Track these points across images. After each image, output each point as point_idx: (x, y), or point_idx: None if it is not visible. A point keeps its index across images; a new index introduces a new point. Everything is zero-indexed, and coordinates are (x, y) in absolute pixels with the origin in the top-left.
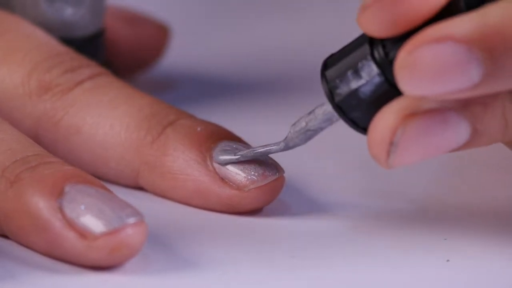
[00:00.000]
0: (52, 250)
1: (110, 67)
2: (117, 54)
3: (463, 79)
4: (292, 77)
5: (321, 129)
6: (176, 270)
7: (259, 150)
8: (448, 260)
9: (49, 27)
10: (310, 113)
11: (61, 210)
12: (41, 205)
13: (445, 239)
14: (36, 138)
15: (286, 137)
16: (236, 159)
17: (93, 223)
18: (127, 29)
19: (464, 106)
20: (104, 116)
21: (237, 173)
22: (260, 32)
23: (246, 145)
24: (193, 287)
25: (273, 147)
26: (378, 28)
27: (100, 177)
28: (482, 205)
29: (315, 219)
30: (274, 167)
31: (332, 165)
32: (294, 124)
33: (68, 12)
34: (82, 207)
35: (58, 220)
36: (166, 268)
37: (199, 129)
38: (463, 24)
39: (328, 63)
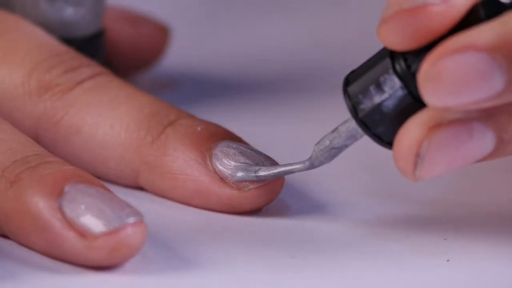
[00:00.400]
0: (52, 250)
1: (110, 67)
2: (117, 54)
3: (487, 88)
4: (292, 77)
5: (345, 146)
6: (176, 270)
7: (281, 170)
8: (448, 260)
9: (49, 27)
10: (333, 131)
11: (61, 210)
12: (41, 205)
13: (445, 239)
14: (36, 138)
15: (310, 156)
16: (256, 177)
17: (93, 223)
18: (127, 29)
19: (489, 116)
20: (104, 116)
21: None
22: (260, 32)
23: (246, 145)
24: (193, 287)
25: (297, 166)
26: (398, 41)
27: (100, 177)
28: (483, 205)
29: (315, 219)
30: None
31: (332, 165)
32: (318, 143)
33: (69, 12)
34: (82, 207)
35: (58, 220)
36: (166, 268)
37: (199, 129)
38: (484, 33)
39: (349, 79)
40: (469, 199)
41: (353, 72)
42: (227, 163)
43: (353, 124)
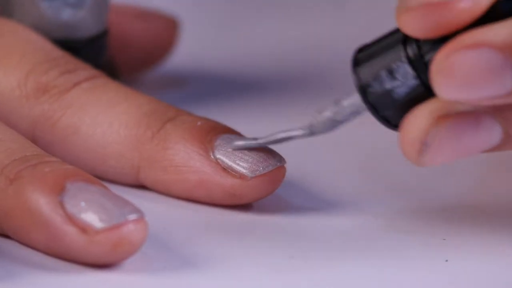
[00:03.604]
0: (52, 246)
1: (114, 67)
2: (128, 49)
3: (497, 86)
4: (306, 76)
5: (348, 120)
6: (176, 269)
7: (280, 136)
8: (447, 260)
9: (48, 28)
10: (336, 103)
11: (62, 205)
12: (42, 201)
13: (444, 239)
14: (33, 140)
15: (310, 124)
16: (256, 143)
17: (94, 218)
18: (137, 23)
19: (497, 110)
20: (103, 115)
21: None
22: (269, 27)
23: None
24: (193, 286)
25: (296, 133)
26: (418, 31)
27: (99, 176)
28: (482, 205)
29: (315, 219)
30: (276, 156)
31: (333, 164)
32: (318, 112)
33: (68, 13)
34: (83, 203)
35: (59, 216)
36: (166, 267)
37: (199, 123)
38: (499, 30)
39: (359, 59)
40: (468, 199)
41: (362, 50)
42: (230, 154)
43: (358, 101)
